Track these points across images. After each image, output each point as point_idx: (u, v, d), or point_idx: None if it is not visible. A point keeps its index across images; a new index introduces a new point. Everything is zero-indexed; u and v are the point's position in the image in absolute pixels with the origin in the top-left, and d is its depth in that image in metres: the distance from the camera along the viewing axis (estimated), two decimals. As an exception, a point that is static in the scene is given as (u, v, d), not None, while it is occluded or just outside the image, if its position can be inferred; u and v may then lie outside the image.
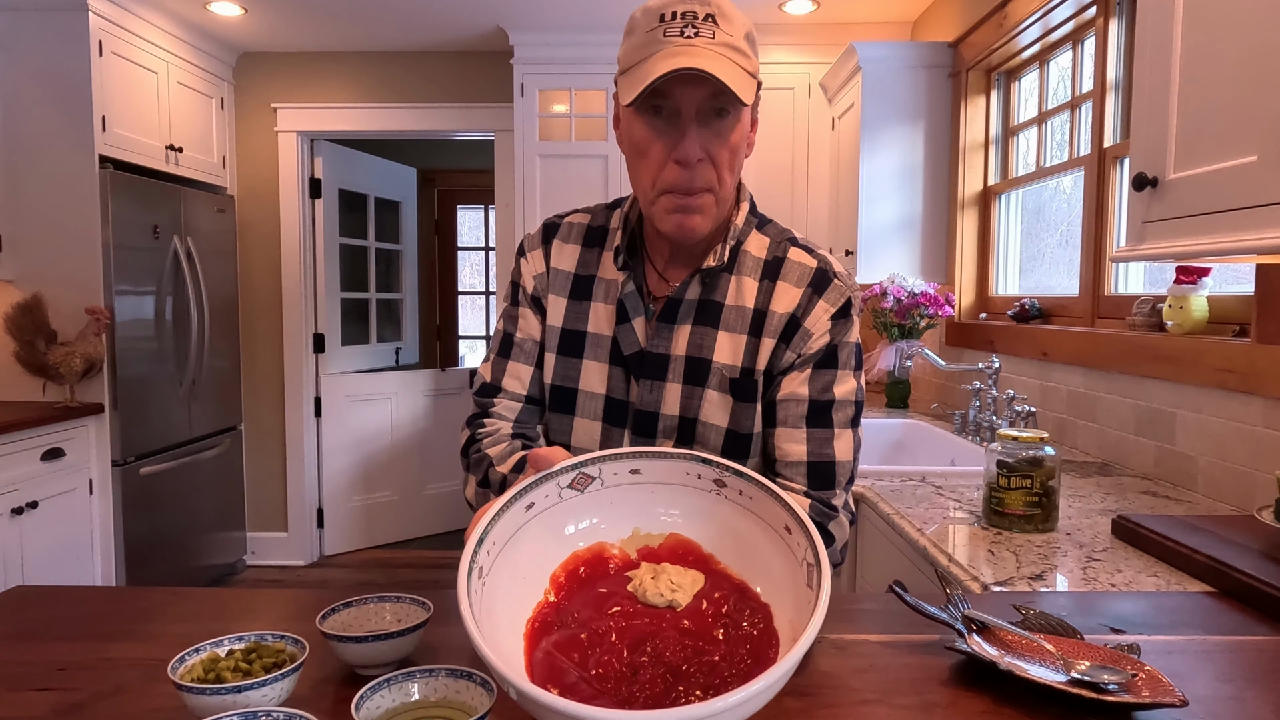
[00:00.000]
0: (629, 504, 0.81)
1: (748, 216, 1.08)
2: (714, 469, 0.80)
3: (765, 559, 0.78)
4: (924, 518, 1.60)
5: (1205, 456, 1.71)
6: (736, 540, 0.80)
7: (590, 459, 0.81)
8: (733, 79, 0.91)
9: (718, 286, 1.05)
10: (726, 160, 0.97)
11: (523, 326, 1.11)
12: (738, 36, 0.94)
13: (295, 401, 4.31)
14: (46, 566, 2.97)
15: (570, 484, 0.80)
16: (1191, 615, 1.07)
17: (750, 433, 1.04)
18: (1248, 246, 1.05)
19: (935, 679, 0.86)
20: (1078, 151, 2.41)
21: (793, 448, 1.01)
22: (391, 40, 3.96)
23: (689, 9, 0.93)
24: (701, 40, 0.92)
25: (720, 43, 0.93)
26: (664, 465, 0.81)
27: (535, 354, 1.10)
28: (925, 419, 2.84)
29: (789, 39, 3.65)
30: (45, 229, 3.17)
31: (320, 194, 4.33)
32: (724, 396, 1.03)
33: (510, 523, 0.76)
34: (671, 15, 0.93)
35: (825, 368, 1.02)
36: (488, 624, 0.67)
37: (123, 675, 0.87)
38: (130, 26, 3.36)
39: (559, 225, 1.13)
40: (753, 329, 1.03)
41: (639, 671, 0.69)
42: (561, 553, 0.79)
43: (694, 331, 1.04)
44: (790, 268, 1.04)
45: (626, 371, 1.05)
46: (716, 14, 0.93)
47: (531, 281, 1.11)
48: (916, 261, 3.18)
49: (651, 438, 1.04)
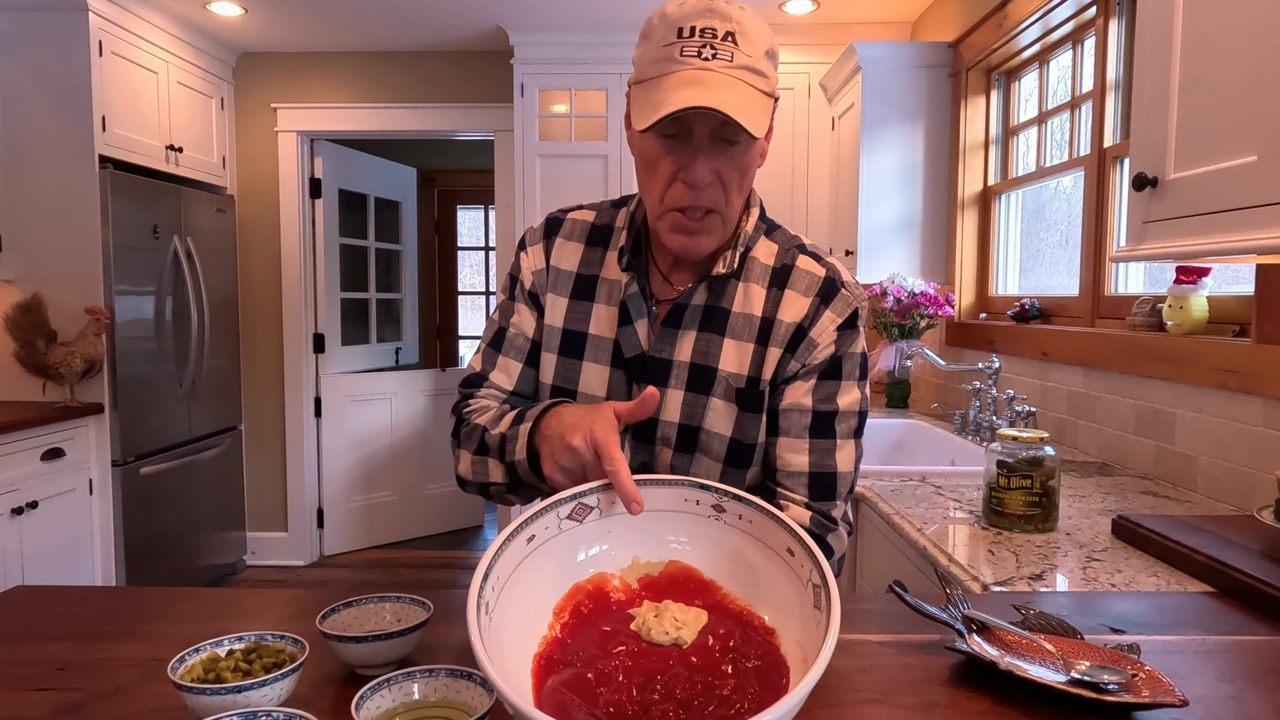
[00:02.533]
0: (627, 532, 0.81)
1: (757, 223, 1.06)
2: (712, 494, 0.80)
3: (768, 583, 0.77)
4: (924, 518, 1.60)
5: (1205, 456, 1.71)
6: (738, 565, 0.80)
7: (588, 489, 0.81)
8: (746, 108, 0.88)
9: (725, 293, 1.03)
10: (736, 182, 0.95)
11: (515, 321, 1.09)
12: (757, 56, 0.91)
13: (295, 401, 4.30)
14: (46, 566, 2.97)
15: (569, 515, 0.80)
16: (1191, 615, 1.07)
17: (754, 443, 1.02)
18: (1248, 246, 1.05)
19: (935, 679, 0.86)
20: (1078, 151, 2.41)
21: (795, 458, 1.01)
22: (391, 40, 3.96)
23: (709, 25, 0.90)
24: (719, 63, 0.89)
25: (739, 65, 0.89)
26: (661, 492, 0.81)
27: (526, 350, 1.08)
28: (925, 419, 2.84)
29: (789, 39, 3.65)
30: (45, 229, 3.17)
31: (320, 194, 4.33)
32: (729, 405, 1.01)
33: (513, 556, 0.76)
34: (690, 31, 0.90)
35: (829, 379, 1.01)
36: (498, 659, 0.66)
37: (123, 675, 0.87)
38: (130, 26, 3.36)
39: (563, 221, 1.11)
40: (759, 338, 1.02)
41: (650, 709, 0.68)
42: (563, 585, 0.79)
43: (700, 338, 1.02)
44: (799, 276, 1.03)
45: (628, 375, 1.04)
46: (737, 32, 0.90)
47: (530, 277, 1.09)
48: (916, 261, 3.18)
49: (650, 443, 1.03)
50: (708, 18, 0.90)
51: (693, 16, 0.90)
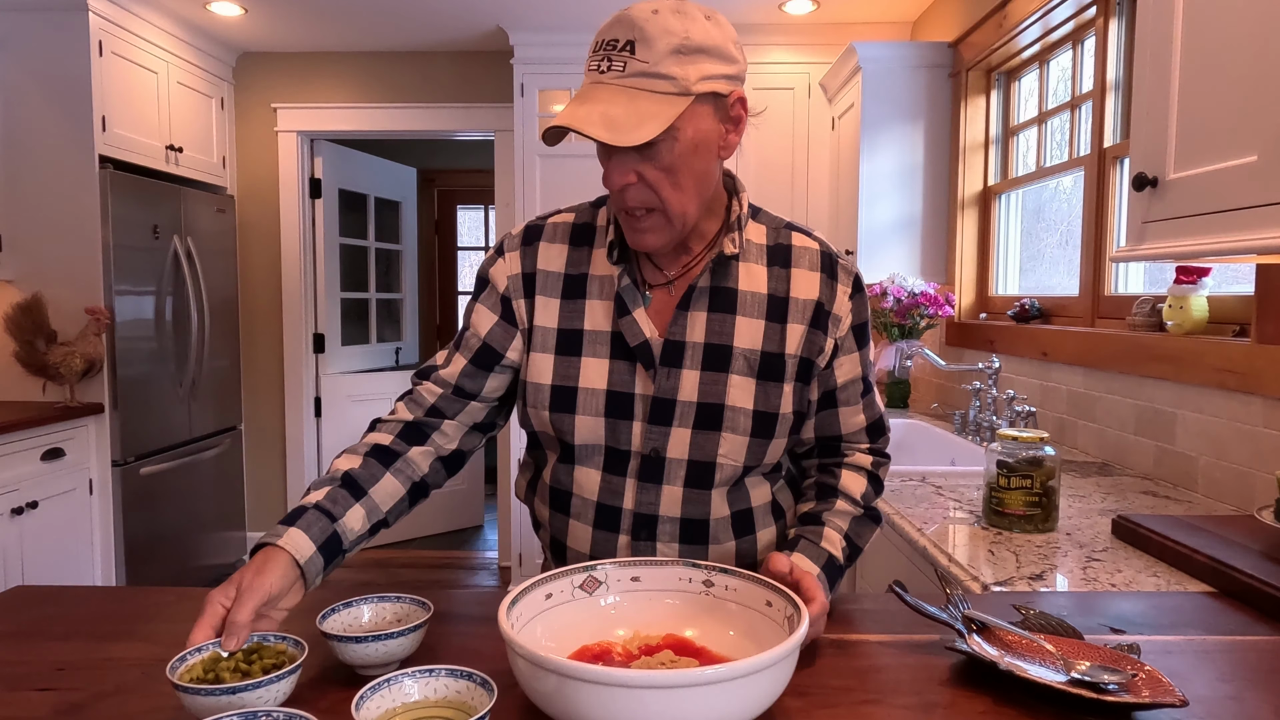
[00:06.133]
0: (631, 609, 0.92)
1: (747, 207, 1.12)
2: (702, 571, 0.92)
3: (752, 637, 0.86)
4: (924, 518, 1.60)
5: (1205, 456, 1.71)
6: (726, 629, 0.89)
7: (599, 564, 0.92)
8: (622, 119, 0.91)
9: (729, 273, 1.07)
10: (662, 180, 0.97)
11: (474, 321, 1.12)
12: (658, 59, 0.92)
13: (295, 401, 4.30)
14: (46, 566, 2.97)
15: (581, 585, 0.91)
16: (1191, 615, 1.07)
17: (778, 412, 1.06)
18: (1248, 246, 1.05)
19: (935, 679, 0.86)
20: (1078, 151, 2.41)
21: (855, 419, 1.12)
22: (391, 40, 3.96)
23: (613, 37, 0.94)
24: (611, 75, 0.94)
25: (632, 73, 0.93)
26: (660, 572, 0.93)
27: (475, 349, 1.10)
28: (925, 419, 2.84)
29: (789, 39, 3.65)
30: (45, 229, 3.17)
31: (320, 194, 4.33)
32: (748, 380, 1.05)
33: (531, 604, 0.86)
34: (598, 45, 0.95)
35: (862, 346, 1.12)
36: None
37: (123, 675, 0.87)
38: (130, 26, 3.36)
39: (543, 227, 1.14)
40: (771, 313, 1.06)
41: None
42: (571, 645, 0.86)
43: (711, 318, 1.06)
44: (800, 254, 1.09)
45: (632, 363, 1.06)
46: (637, 40, 0.92)
47: (505, 281, 1.11)
48: (916, 261, 3.18)
49: (667, 425, 1.05)
50: (614, 29, 0.94)
51: (605, 30, 0.96)
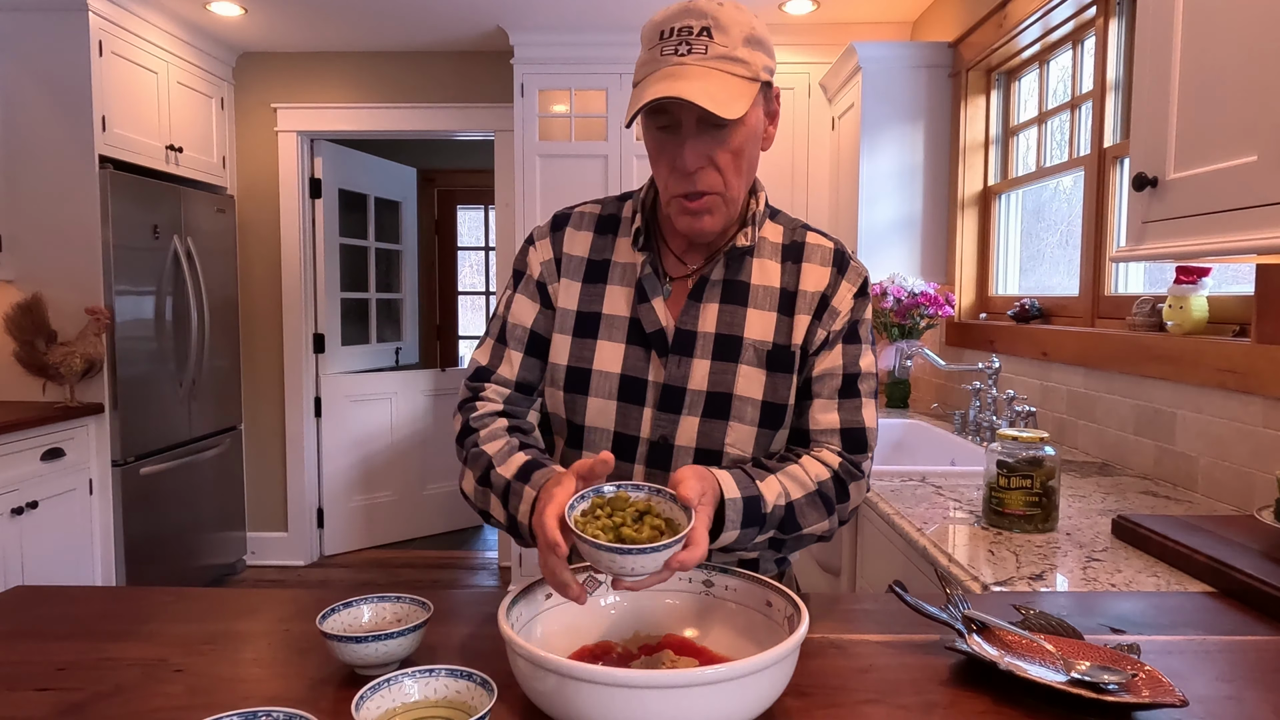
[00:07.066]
0: (631, 609, 0.92)
1: (765, 206, 1.14)
2: (702, 571, 0.92)
3: (751, 637, 0.87)
4: (924, 518, 1.60)
5: (1205, 456, 1.71)
6: (725, 629, 0.90)
7: None
8: (716, 93, 0.95)
9: (743, 268, 1.10)
10: (730, 164, 1.02)
11: (516, 312, 1.13)
12: (734, 45, 0.98)
13: (295, 401, 4.30)
14: (46, 566, 2.97)
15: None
16: (1191, 615, 1.07)
17: (785, 403, 1.08)
18: (1248, 246, 1.05)
19: (935, 679, 0.86)
20: (1078, 151, 2.41)
21: (827, 417, 1.09)
22: (391, 40, 3.96)
23: (685, 24, 0.98)
24: (694, 57, 0.97)
25: (715, 55, 0.97)
26: None
27: (525, 340, 1.12)
28: (925, 419, 2.84)
29: (789, 39, 3.65)
30: (45, 229, 3.17)
31: (320, 194, 4.32)
32: (758, 370, 1.07)
33: (531, 604, 0.87)
34: (669, 32, 0.98)
35: (851, 343, 1.10)
36: None
37: (123, 675, 0.87)
38: (130, 26, 3.36)
39: (570, 215, 1.18)
40: (783, 307, 1.09)
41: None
42: (570, 645, 0.87)
43: (723, 310, 1.09)
44: (812, 250, 1.12)
45: (646, 350, 1.09)
46: (712, 26, 0.97)
47: (539, 268, 1.14)
48: (916, 261, 3.18)
49: (676, 413, 1.07)
50: (685, 17, 0.99)
51: (673, 19, 0.99)
